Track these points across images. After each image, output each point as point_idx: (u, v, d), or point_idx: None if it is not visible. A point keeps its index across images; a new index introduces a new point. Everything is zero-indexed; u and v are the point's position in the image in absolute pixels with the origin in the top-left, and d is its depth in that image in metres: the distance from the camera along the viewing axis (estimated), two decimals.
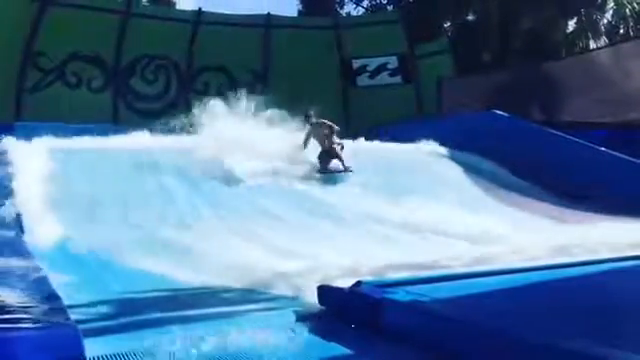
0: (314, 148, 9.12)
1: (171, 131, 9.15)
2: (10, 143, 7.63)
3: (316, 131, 9.15)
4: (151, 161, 8.08)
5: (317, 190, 8.04)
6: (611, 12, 20.22)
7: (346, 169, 8.88)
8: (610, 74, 12.51)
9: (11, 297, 2.50)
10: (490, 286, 3.16)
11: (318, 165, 8.89)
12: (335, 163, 8.96)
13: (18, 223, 5.43)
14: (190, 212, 6.70)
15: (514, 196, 8.67)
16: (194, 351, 2.53)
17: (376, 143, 10.58)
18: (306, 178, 8.46)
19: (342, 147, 9.10)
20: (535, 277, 3.40)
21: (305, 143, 9.15)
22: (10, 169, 6.74)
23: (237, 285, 3.95)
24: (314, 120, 9.31)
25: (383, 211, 6.98)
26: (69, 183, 6.81)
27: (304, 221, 6.62)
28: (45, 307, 2.34)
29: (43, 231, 5.30)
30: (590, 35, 19.61)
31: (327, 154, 8.97)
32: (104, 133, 9.06)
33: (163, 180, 7.61)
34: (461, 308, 2.74)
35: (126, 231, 5.54)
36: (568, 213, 7.80)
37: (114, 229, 5.54)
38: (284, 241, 5.53)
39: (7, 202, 5.85)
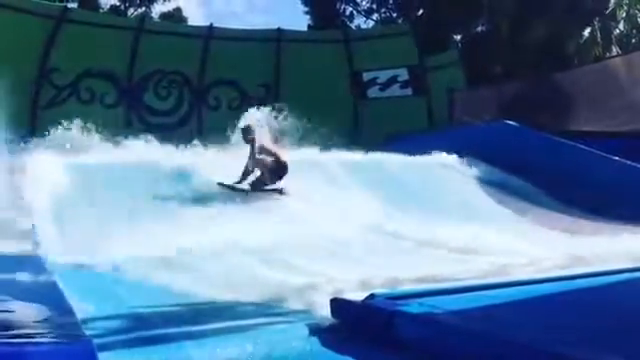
0: None
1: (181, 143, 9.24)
2: (26, 158, 7.72)
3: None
4: (164, 175, 8.12)
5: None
6: (622, 22, 20.19)
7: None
8: (623, 83, 12.45)
9: (26, 311, 2.52)
10: (504, 298, 3.14)
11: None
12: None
13: (33, 237, 5.48)
14: (203, 226, 6.70)
15: (527, 207, 8.62)
16: None
17: (389, 155, 10.55)
18: None
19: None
20: (549, 288, 3.37)
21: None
22: (25, 184, 6.82)
23: (249, 299, 3.94)
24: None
25: (395, 224, 6.96)
26: (84, 197, 6.87)
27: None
28: (60, 321, 2.35)
29: (58, 245, 5.34)
30: (603, 45, 19.55)
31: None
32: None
33: (175, 193, 7.64)
34: (475, 320, 2.72)
35: (140, 245, 5.56)
36: (583, 224, 7.73)
37: (128, 243, 5.56)
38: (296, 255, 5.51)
39: (22, 216, 5.91)
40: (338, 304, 3.17)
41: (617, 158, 9.52)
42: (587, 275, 3.70)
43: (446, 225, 6.57)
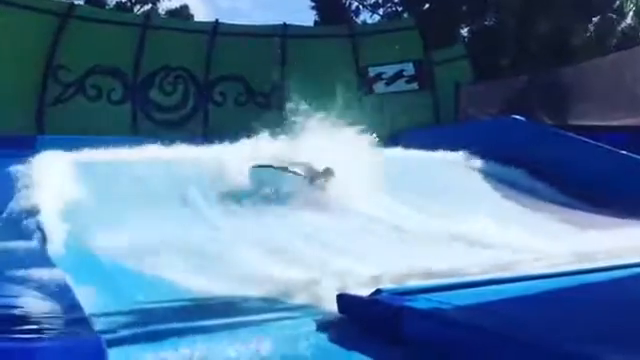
0: None
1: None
2: (32, 156, 7.74)
3: None
4: (170, 171, 8.14)
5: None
6: (631, 15, 20.04)
7: None
8: (629, 77, 12.37)
9: (35, 307, 2.53)
10: (512, 293, 3.13)
11: None
12: None
13: (41, 233, 5.50)
14: (210, 221, 6.72)
15: (536, 203, 8.59)
16: None
17: (396, 150, 10.53)
18: None
19: None
20: (557, 283, 3.36)
21: None
22: (32, 181, 6.84)
23: (257, 294, 3.95)
24: None
25: (404, 219, 6.95)
26: (90, 194, 6.88)
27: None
28: (69, 317, 2.36)
29: (65, 241, 5.36)
30: (609, 39, 19.42)
31: None
32: (124, 145, 9.16)
33: (183, 190, 7.66)
34: (482, 315, 2.72)
35: (147, 241, 5.58)
36: (591, 219, 7.71)
37: (135, 239, 5.58)
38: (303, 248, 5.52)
39: (30, 213, 5.94)
40: (345, 299, 3.18)
41: (625, 152, 9.48)
42: (595, 270, 3.69)
43: (452, 219, 6.55)
